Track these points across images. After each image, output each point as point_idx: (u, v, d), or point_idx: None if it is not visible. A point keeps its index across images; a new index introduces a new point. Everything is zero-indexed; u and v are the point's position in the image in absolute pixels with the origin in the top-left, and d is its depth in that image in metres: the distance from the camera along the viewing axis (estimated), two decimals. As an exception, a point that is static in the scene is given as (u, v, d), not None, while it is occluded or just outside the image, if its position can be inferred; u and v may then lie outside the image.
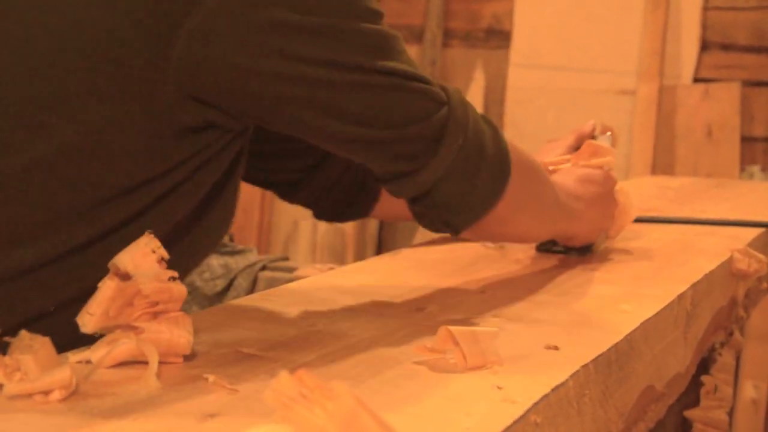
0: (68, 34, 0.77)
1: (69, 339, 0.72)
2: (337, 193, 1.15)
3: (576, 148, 1.22)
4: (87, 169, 0.79)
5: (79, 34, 0.77)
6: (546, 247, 1.16)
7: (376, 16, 0.84)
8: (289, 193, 1.16)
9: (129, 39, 0.77)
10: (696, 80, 3.23)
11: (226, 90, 0.80)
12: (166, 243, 0.78)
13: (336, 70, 0.80)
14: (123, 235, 0.79)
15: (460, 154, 0.87)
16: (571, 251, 1.15)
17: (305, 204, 1.17)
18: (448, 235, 0.96)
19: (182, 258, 0.85)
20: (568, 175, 1.12)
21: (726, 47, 3.21)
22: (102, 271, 0.73)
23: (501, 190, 0.92)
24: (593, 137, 1.27)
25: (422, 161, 0.86)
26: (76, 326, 0.70)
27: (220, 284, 2.63)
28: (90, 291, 0.72)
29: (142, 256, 0.71)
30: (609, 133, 1.30)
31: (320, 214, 1.19)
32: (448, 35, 3.50)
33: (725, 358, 1.25)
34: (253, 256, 2.70)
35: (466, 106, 0.89)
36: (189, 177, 0.84)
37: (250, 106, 0.82)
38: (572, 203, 1.07)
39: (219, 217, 0.90)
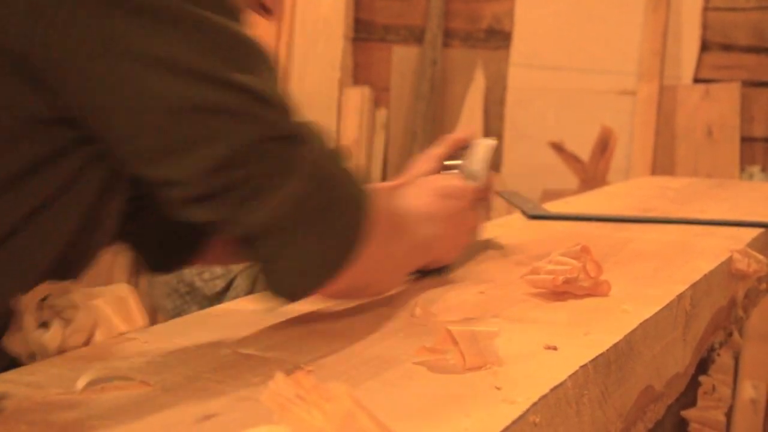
0: None
1: None
2: (161, 237, 0.96)
3: (446, 156, 1.11)
4: None
5: None
6: None
7: (231, 13, 0.72)
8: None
9: None
10: (696, 81, 3.23)
11: (56, 72, 0.69)
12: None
13: (168, 70, 0.68)
14: None
15: (302, 204, 0.74)
16: (429, 273, 1.02)
17: (130, 244, 0.98)
18: None
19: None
20: (422, 189, 1.00)
21: (726, 48, 3.21)
22: None
23: (349, 255, 0.77)
24: (467, 146, 1.14)
25: (250, 203, 0.72)
26: None
27: (220, 284, 2.63)
28: None
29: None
30: (492, 140, 1.17)
31: (145, 261, 1.00)
32: (448, 35, 3.50)
33: (724, 358, 1.25)
34: (253, 257, 2.70)
35: (324, 151, 0.76)
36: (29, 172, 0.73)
37: (74, 89, 0.70)
38: (428, 229, 0.95)
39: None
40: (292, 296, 0.78)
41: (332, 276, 0.77)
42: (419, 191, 1.00)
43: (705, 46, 3.23)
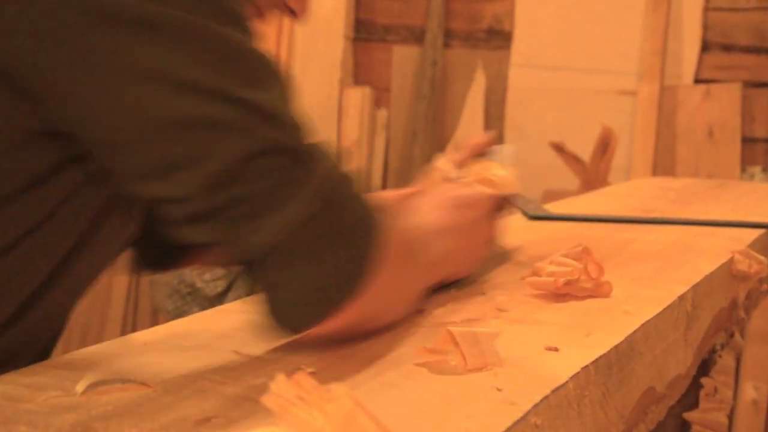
0: None
1: None
2: (150, 240, 0.93)
3: (465, 162, 1.08)
4: None
5: None
6: None
7: (237, 20, 0.68)
8: None
9: None
10: (697, 81, 3.23)
11: (32, 76, 0.66)
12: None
13: (160, 83, 0.65)
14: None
15: (305, 229, 0.68)
16: (443, 288, 0.96)
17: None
18: None
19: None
20: (438, 200, 0.95)
21: (727, 48, 3.21)
22: None
23: (355, 288, 0.70)
24: (486, 152, 1.10)
25: (251, 223, 0.67)
26: None
27: (221, 285, 2.63)
28: None
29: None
30: (510, 145, 1.14)
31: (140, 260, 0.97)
32: (448, 36, 3.50)
33: (725, 359, 1.25)
34: (253, 257, 2.70)
35: (334, 175, 0.71)
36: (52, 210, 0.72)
37: (61, 102, 0.67)
38: (441, 244, 0.89)
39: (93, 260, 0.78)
40: (294, 328, 0.72)
41: (338, 307, 0.71)
42: (433, 202, 0.95)
43: (706, 47, 3.23)
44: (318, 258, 0.69)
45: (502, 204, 1.04)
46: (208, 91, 0.65)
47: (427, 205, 0.94)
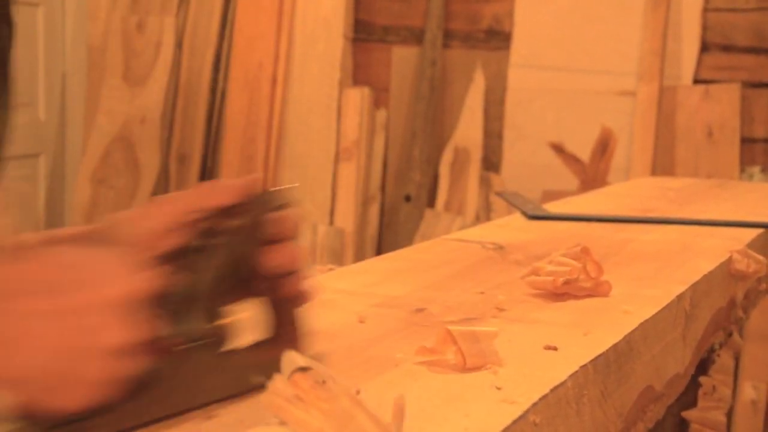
0: None
1: None
2: None
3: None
4: None
5: None
6: None
7: None
8: None
9: None
10: (696, 81, 3.23)
11: None
12: None
13: None
14: None
15: None
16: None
17: None
18: (448, 235, 0.96)
19: None
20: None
21: (726, 48, 3.21)
22: None
23: None
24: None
25: None
26: None
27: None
28: None
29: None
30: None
31: None
32: (448, 36, 3.50)
33: (724, 359, 1.25)
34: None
35: None
36: None
37: None
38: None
39: None
40: None
41: None
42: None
43: (705, 47, 3.23)
44: None
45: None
46: None
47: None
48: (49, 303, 0.57)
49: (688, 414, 1.22)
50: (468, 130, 3.42)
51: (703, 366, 1.23)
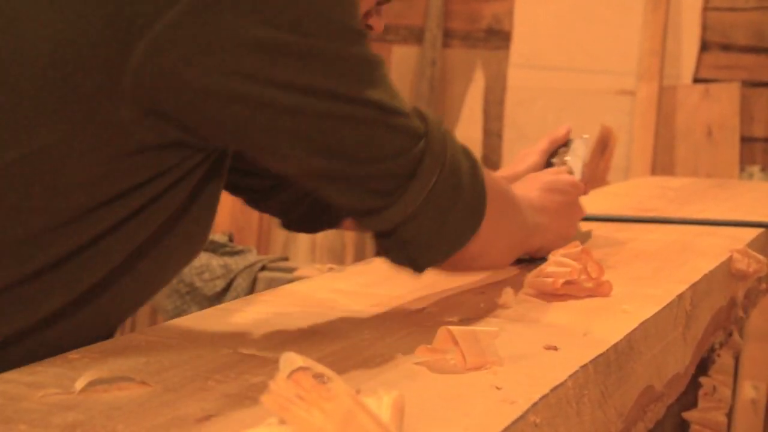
0: (13, 54, 0.71)
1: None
2: (307, 205, 1.08)
3: (550, 152, 1.24)
4: (30, 195, 0.73)
5: (24, 53, 0.71)
6: None
7: (359, 36, 0.77)
8: (258, 201, 1.09)
9: (81, 55, 0.70)
10: (696, 80, 3.23)
11: (181, 108, 0.73)
12: (130, 261, 0.76)
13: (309, 96, 0.74)
14: (80, 261, 0.75)
15: (433, 192, 0.81)
16: (535, 260, 1.05)
17: (274, 213, 1.11)
18: None
19: (150, 276, 0.81)
20: (532, 183, 1.08)
21: (726, 47, 3.21)
22: (57, 299, 0.72)
23: (473, 230, 0.86)
24: (567, 142, 1.28)
25: (392, 198, 0.80)
26: (29, 358, 0.69)
27: (220, 284, 2.63)
28: (44, 320, 0.71)
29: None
30: (587, 136, 1.31)
31: (288, 225, 1.12)
32: (448, 35, 3.50)
33: (724, 359, 1.25)
34: (252, 257, 2.70)
35: (445, 139, 0.83)
36: (154, 198, 0.77)
37: (208, 127, 0.75)
38: (537, 218, 1.02)
39: (190, 232, 0.83)
40: (420, 269, 0.87)
41: (457, 251, 0.86)
42: (530, 185, 1.08)
43: (704, 46, 3.23)
44: (442, 214, 0.83)
45: (586, 190, 1.18)
46: (353, 100, 0.76)
47: (524, 185, 1.07)
48: (552, 198, 1.07)
49: (688, 414, 1.22)
50: (468, 129, 3.43)
51: (703, 366, 1.23)
